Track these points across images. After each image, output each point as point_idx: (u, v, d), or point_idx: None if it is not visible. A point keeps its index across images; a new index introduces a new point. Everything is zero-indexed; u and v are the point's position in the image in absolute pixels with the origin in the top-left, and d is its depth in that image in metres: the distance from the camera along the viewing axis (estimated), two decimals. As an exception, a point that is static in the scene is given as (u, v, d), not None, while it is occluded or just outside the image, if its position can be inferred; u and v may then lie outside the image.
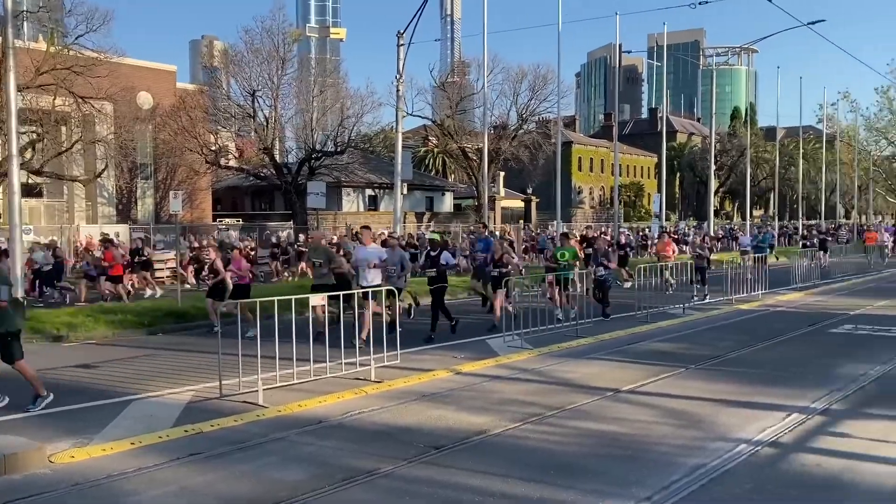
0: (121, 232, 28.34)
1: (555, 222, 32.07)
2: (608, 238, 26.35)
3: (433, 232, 14.99)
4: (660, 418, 7.90)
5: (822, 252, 29.19)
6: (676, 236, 37.12)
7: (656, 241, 25.39)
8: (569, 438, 7.23)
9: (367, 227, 13.64)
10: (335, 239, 20.34)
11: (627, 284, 21.52)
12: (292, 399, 8.54)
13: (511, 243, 21.80)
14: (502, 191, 57.44)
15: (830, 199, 70.29)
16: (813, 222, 60.84)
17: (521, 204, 59.89)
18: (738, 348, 12.06)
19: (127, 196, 36.26)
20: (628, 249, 26.46)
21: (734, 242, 35.99)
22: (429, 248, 13.82)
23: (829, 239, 35.17)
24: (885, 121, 61.91)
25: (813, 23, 29.75)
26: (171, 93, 36.65)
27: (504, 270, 14.39)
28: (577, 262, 15.46)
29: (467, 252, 21.74)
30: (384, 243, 15.22)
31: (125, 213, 35.70)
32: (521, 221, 52.59)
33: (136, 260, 20.34)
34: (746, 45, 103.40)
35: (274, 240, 28.63)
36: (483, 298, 16.70)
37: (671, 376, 9.96)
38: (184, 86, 40.00)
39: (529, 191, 59.46)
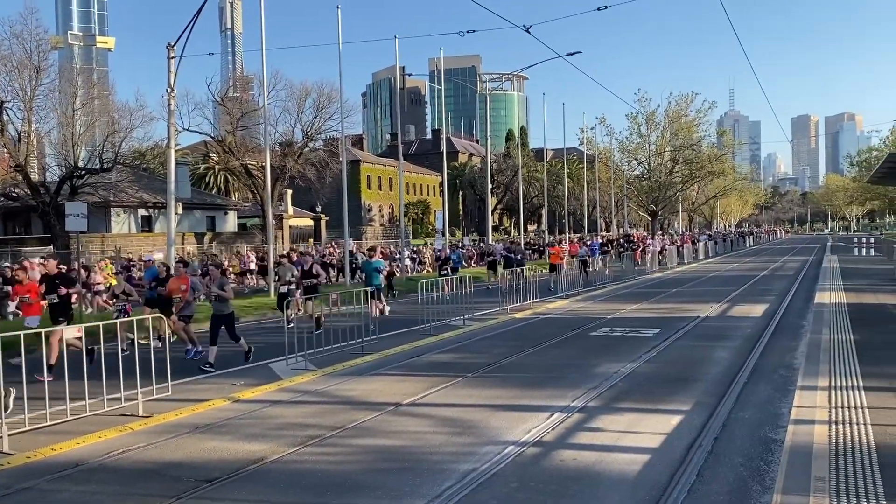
0: None
1: (343, 240, 32.16)
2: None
3: None
4: (436, 428, 8.19)
5: (506, 270, 25.43)
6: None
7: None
8: (348, 457, 7.25)
9: None
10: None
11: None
12: (45, 443, 7.71)
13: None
14: (290, 209, 56.38)
15: (593, 213, 77.50)
16: (575, 235, 66.54)
17: (311, 222, 59.26)
18: (511, 355, 12.87)
19: None
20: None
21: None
22: None
23: (516, 256, 29.51)
24: (634, 143, 69.63)
25: (570, 54, 32.58)
26: None
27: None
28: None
29: None
30: None
31: None
32: (312, 240, 52.03)
33: None
34: (517, 73, 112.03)
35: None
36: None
37: (449, 386, 10.37)
38: None
39: (319, 209, 59.01)
